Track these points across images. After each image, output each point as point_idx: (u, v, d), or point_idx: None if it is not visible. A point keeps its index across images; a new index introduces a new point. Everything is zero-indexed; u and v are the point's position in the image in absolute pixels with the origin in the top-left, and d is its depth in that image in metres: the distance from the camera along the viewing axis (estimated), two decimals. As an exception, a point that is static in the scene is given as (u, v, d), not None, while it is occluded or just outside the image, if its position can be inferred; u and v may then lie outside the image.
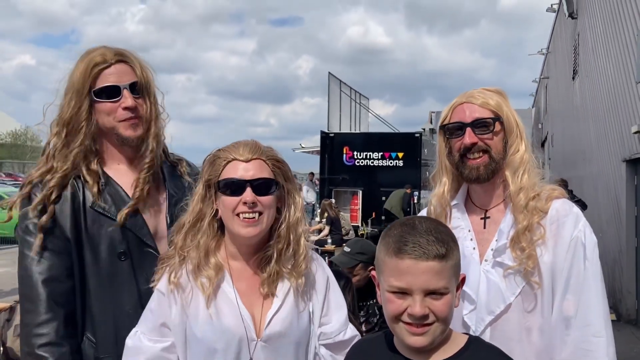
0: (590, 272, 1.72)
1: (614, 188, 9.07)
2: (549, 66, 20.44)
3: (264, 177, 1.66)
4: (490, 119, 1.79)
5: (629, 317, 8.25)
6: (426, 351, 1.40)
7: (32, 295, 1.74)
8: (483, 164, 1.79)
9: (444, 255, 1.35)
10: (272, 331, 1.65)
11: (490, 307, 1.75)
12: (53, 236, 1.78)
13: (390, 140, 15.40)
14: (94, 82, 1.83)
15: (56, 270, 1.76)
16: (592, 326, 1.68)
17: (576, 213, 1.78)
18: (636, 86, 7.58)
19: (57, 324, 1.73)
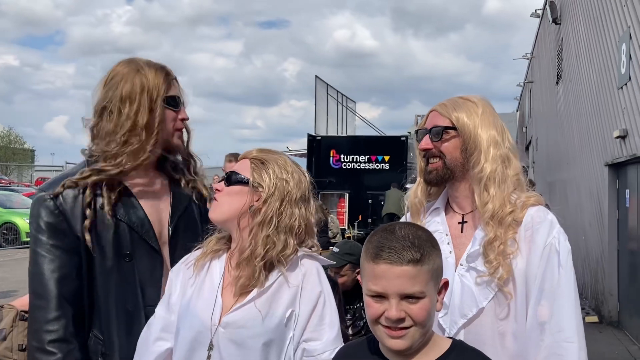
0: (564, 279, 1.74)
1: (596, 192, 9.20)
2: (534, 71, 20.66)
3: (234, 170, 1.84)
4: (442, 127, 1.86)
5: (611, 318, 8.37)
6: (409, 354, 1.43)
7: (44, 292, 1.79)
8: (435, 169, 1.88)
9: (419, 260, 1.38)
10: (231, 320, 1.72)
11: (463, 310, 1.77)
12: (64, 235, 1.83)
13: (377, 144, 15.49)
14: (167, 89, 1.95)
15: (67, 269, 1.82)
16: (564, 332, 1.70)
17: (550, 220, 1.80)
18: (618, 92, 7.71)
19: (67, 321, 1.79)
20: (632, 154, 7.05)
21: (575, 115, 11.15)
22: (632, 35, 6.98)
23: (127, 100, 1.88)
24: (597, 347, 7.05)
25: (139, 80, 1.90)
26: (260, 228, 1.75)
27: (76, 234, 1.83)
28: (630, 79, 7.07)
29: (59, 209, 1.83)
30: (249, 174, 1.80)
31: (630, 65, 7.05)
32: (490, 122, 1.88)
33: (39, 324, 1.78)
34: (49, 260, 1.81)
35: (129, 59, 1.99)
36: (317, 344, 1.72)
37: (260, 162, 1.82)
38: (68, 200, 1.84)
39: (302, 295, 1.74)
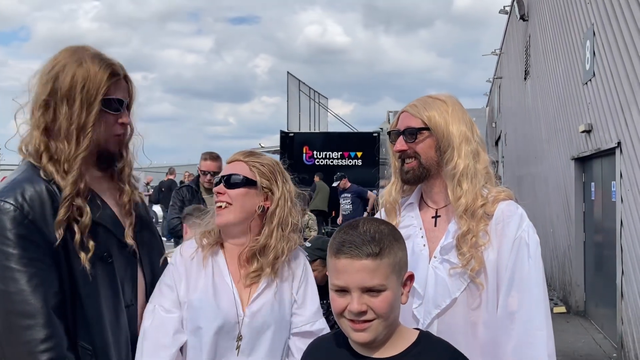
0: (533, 270, 1.81)
1: (563, 185, 9.41)
2: (502, 67, 20.96)
3: (234, 172, 1.91)
4: (416, 128, 1.92)
5: (577, 308, 8.59)
6: (375, 346, 1.47)
7: (29, 310, 1.62)
8: (412, 169, 1.94)
9: (378, 254, 1.42)
10: (254, 309, 1.86)
11: (437, 301, 1.83)
12: (38, 246, 1.66)
13: (349, 140, 15.58)
14: (107, 91, 1.79)
15: (49, 282, 1.66)
16: (533, 321, 1.77)
17: (520, 214, 1.87)
18: (583, 87, 7.90)
19: (60, 337, 1.65)
20: (597, 148, 7.23)
21: (542, 110, 11.38)
22: (596, 32, 7.15)
23: (65, 97, 1.75)
24: (565, 336, 7.24)
25: (81, 74, 1.76)
26: (280, 229, 1.92)
27: (52, 243, 1.68)
28: (594, 75, 7.25)
29: (28, 218, 1.66)
30: (252, 175, 1.91)
31: (594, 62, 7.23)
32: (460, 118, 1.94)
33: (31, 345, 1.61)
34: (29, 276, 1.63)
35: (75, 47, 1.83)
36: (301, 318, 1.93)
37: (259, 164, 1.93)
38: (35, 206, 1.68)
39: (295, 279, 1.95)
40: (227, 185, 1.90)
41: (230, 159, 1.97)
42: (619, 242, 6.38)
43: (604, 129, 6.96)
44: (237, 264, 1.93)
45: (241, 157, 1.95)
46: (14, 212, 1.65)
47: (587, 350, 6.80)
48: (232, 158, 1.97)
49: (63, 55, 1.81)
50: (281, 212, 1.92)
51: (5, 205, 1.65)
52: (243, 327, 1.84)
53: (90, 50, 1.83)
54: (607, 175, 7.16)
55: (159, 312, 1.87)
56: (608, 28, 6.64)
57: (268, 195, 1.93)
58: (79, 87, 1.75)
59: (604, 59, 6.84)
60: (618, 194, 6.44)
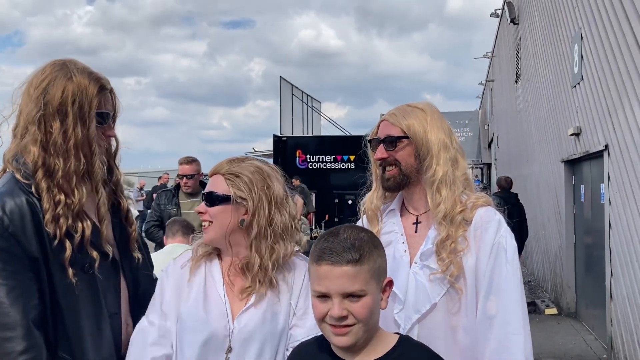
0: (511, 275, 1.85)
1: (554, 187, 9.48)
2: (494, 69, 21.07)
3: (212, 190, 1.86)
4: (395, 136, 1.96)
5: (569, 310, 8.64)
6: (356, 350, 1.51)
7: (9, 322, 1.64)
8: (392, 177, 1.98)
9: (358, 260, 1.47)
10: (244, 321, 1.81)
11: (417, 306, 1.87)
12: (19, 259, 1.69)
13: (342, 143, 15.60)
14: (98, 104, 1.84)
15: (29, 294, 1.69)
16: (511, 324, 1.81)
17: (498, 220, 1.92)
18: (572, 90, 7.97)
19: (39, 349, 1.68)
20: (586, 151, 7.30)
21: (533, 113, 11.45)
22: (584, 36, 7.22)
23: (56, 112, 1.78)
24: (557, 338, 7.29)
25: (70, 89, 1.79)
26: (259, 241, 1.84)
27: (33, 255, 1.71)
28: (582, 79, 7.32)
29: (8, 231, 1.68)
30: (227, 190, 1.84)
31: (582, 65, 7.30)
32: (439, 126, 1.98)
33: (10, 358, 1.64)
34: (8, 288, 1.66)
35: (62, 61, 1.85)
36: (301, 330, 1.84)
37: (234, 175, 1.85)
38: (15, 220, 1.70)
39: (294, 289, 1.87)
40: (207, 203, 1.87)
41: (211, 170, 1.91)
42: (608, 243, 6.44)
43: (592, 132, 7.03)
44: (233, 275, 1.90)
45: (220, 169, 1.89)
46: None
47: (577, 352, 6.85)
48: (213, 170, 1.91)
49: (51, 68, 1.82)
50: (259, 221, 1.83)
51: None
52: (232, 338, 1.80)
53: (78, 64, 1.85)
54: (596, 178, 7.22)
55: (142, 324, 1.88)
56: (595, 32, 6.71)
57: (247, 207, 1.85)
58: (70, 101, 1.78)
59: (591, 62, 6.91)
60: (606, 196, 6.50)
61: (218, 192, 1.85)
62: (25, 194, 1.74)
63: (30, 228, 1.71)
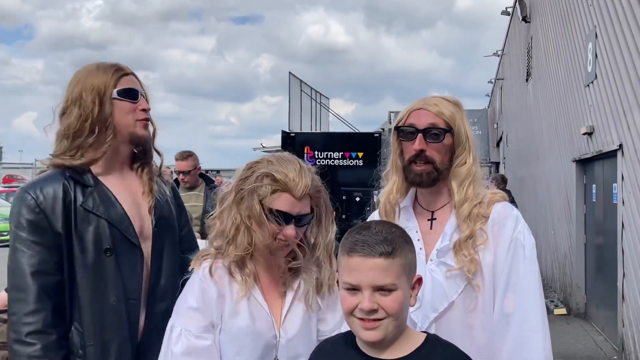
0: (529, 271, 1.81)
1: (565, 187, 9.41)
2: (504, 68, 20.97)
3: (307, 212, 1.76)
4: (442, 129, 1.87)
5: (578, 311, 8.59)
6: (383, 347, 1.48)
7: (23, 285, 1.85)
8: (426, 172, 1.88)
9: (390, 253, 1.44)
10: (287, 327, 1.76)
11: (434, 304, 1.83)
12: (44, 232, 1.89)
13: (351, 140, 15.55)
14: (116, 84, 2.00)
15: (46, 264, 1.88)
16: (529, 322, 1.77)
17: (516, 215, 1.88)
18: (585, 89, 7.90)
19: (46, 313, 1.85)
20: (598, 150, 7.23)
21: (544, 112, 11.38)
22: (598, 35, 7.15)
23: (76, 100, 1.97)
24: (566, 338, 7.24)
25: (89, 81, 1.98)
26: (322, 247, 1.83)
27: (57, 231, 1.90)
28: (596, 77, 7.25)
29: (40, 207, 1.90)
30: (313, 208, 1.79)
31: (597, 64, 7.23)
32: (468, 121, 1.95)
33: (18, 316, 1.84)
34: (28, 256, 1.87)
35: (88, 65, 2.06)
36: (329, 324, 1.82)
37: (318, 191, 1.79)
38: (48, 199, 1.91)
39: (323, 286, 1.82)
40: (299, 225, 1.74)
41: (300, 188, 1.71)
42: (620, 244, 6.38)
43: (605, 131, 6.96)
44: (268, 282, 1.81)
45: (312, 191, 1.76)
46: (29, 201, 1.91)
47: (587, 353, 6.80)
48: (302, 189, 1.71)
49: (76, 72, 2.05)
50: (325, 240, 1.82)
51: (26, 195, 1.92)
52: (279, 349, 1.75)
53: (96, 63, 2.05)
54: (609, 178, 7.16)
55: (188, 338, 1.70)
56: (610, 30, 6.64)
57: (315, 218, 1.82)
58: (88, 89, 1.97)
59: (606, 61, 6.84)
60: (619, 196, 6.44)
61: (309, 213, 1.77)
62: (64, 178, 1.95)
63: (59, 206, 1.91)
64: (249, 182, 1.73)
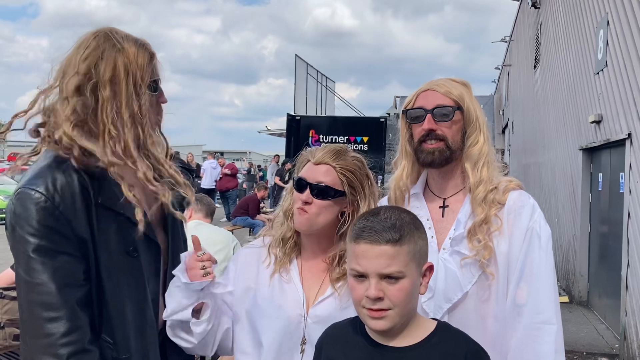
0: (544, 262, 1.78)
1: (570, 175, 9.37)
2: (512, 54, 20.79)
3: (323, 182, 1.80)
4: (450, 107, 1.84)
5: (580, 299, 8.60)
6: (393, 335, 1.47)
7: (52, 303, 1.59)
8: (438, 150, 1.84)
9: (398, 241, 1.42)
10: (318, 312, 1.79)
11: (447, 295, 1.80)
12: (67, 239, 1.62)
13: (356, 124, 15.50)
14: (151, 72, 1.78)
15: (74, 275, 1.63)
16: (544, 313, 1.74)
17: (532, 204, 1.84)
18: (594, 77, 7.83)
19: (84, 330, 1.63)
20: (606, 139, 7.19)
21: (551, 99, 11.29)
22: (610, 22, 7.06)
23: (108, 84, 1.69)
24: (567, 326, 7.26)
25: (121, 61, 1.70)
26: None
27: (81, 236, 1.64)
28: (606, 65, 7.18)
29: (58, 210, 1.60)
30: (341, 185, 1.81)
31: (607, 52, 7.15)
32: (478, 102, 1.92)
33: (54, 338, 1.58)
34: (53, 269, 1.59)
35: (105, 32, 1.74)
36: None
37: (349, 171, 1.82)
38: (66, 198, 1.62)
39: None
40: (316, 195, 1.80)
41: (318, 159, 1.83)
42: (626, 233, 6.37)
43: (614, 119, 6.91)
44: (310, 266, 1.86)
45: (330, 160, 1.82)
46: (45, 203, 1.59)
47: (589, 341, 6.83)
48: (320, 159, 1.83)
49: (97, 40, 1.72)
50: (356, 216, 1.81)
51: (35, 194, 1.60)
52: (306, 330, 1.77)
53: (121, 33, 1.77)
54: (616, 167, 7.12)
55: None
56: (623, 17, 6.56)
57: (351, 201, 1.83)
58: (124, 74, 1.70)
59: (617, 49, 6.77)
60: (626, 185, 6.41)
61: (335, 187, 1.80)
62: (75, 171, 1.66)
63: (80, 206, 1.64)
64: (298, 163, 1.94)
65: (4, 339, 3.42)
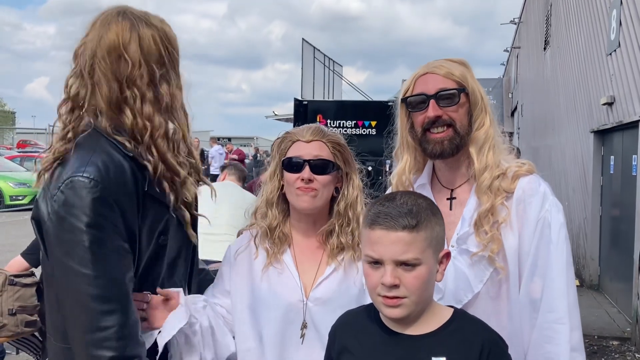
0: (557, 255, 1.67)
1: (581, 158, 9.28)
2: (521, 36, 20.55)
3: (322, 157, 1.81)
4: (455, 89, 1.71)
5: (591, 282, 8.56)
6: (409, 323, 1.44)
7: (111, 295, 1.52)
8: (447, 138, 1.71)
9: (414, 227, 1.38)
10: (318, 294, 1.79)
11: (457, 296, 1.71)
12: (121, 231, 1.56)
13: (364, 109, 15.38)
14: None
15: (128, 266, 1.58)
16: (555, 312, 1.65)
17: (543, 192, 1.71)
18: (606, 58, 7.71)
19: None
20: (619, 121, 7.09)
21: (562, 81, 11.16)
22: (623, 1, 6.93)
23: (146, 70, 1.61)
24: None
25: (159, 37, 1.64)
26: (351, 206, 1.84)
27: (131, 226, 1.58)
28: (619, 46, 7.06)
29: (113, 199, 1.54)
30: (334, 159, 1.83)
31: (620, 32, 7.02)
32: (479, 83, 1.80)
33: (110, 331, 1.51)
34: (110, 260, 1.53)
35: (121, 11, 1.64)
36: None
37: (339, 145, 1.85)
38: (120, 188, 1.56)
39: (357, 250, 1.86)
40: (316, 171, 1.79)
41: (308, 137, 1.83)
42: (638, 216, 6.30)
43: (627, 101, 6.81)
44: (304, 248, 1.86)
45: (320, 136, 1.83)
46: (101, 192, 1.52)
47: (600, 324, 6.79)
48: (311, 137, 1.83)
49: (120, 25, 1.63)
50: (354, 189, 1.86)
51: (90, 183, 1.52)
52: (307, 313, 1.77)
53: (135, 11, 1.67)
54: (628, 149, 7.03)
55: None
56: (636, -3, 6.43)
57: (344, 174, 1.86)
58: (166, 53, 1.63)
59: (630, 29, 6.64)
60: (639, 168, 6.33)
61: (330, 160, 1.82)
62: (124, 158, 1.61)
63: (132, 197, 1.59)
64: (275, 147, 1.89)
65: (15, 325, 3.45)
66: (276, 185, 1.86)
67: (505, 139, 1.84)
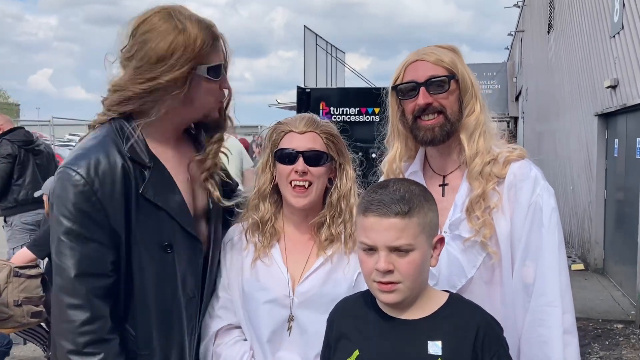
0: (548, 240, 1.68)
1: (585, 142, 9.24)
2: (525, 20, 20.39)
3: (316, 149, 1.77)
4: (445, 77, 1.71)
5: (596, 266, 8.56)
6: (404, 308, 1.46)
7: (73, 289, 1.56)
8: (438, 125, 1.72)
9: (407, 213, 1.39)
10: (303, 289, 1.76)
11: (451, 281, 1.72)
12: (100, 227, 1.57)
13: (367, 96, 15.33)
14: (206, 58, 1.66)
15: (101, 265, 1.58)
16: (547, 295, 1.66)
17: (534, 177, 1.71)
18: (610, 41, 7.64)
19: (104, 320, 1.59)
20: (623, 104, 7.05)
21: (566, 65, 11.08)
22: (626, -17, 6.86)
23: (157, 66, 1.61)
24: (583, 293, 7.24)
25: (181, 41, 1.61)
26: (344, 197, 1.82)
27: (114, 227, 1.59)
28: (623, 28, 7.00)
29: (96, 196, 1.56)
30: (327, 150, 1.80)
31: (624, 14, 6.96)
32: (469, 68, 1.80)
33: (72, 325, 1.56)
34: (81, 255, 1.56)
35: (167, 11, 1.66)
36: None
37: (332, 135, 1.82)
38: (106, 184, 1.57)
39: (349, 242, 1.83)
40: (310, 163, 1.76)
41: (302, 128, 1.78)
42: (642, 200, 6.29)
43: (631, 84, 6.76)
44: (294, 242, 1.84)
45: (313, 127, 1.79)
46: (83, 187, 1.56)
47: (605, 308, 6.81)
48: (304, 127, 1.78)
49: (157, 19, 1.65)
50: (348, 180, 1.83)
51: (75, 176, 1.56)
52: (293, 307, 1.75)
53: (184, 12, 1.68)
54: (632, 132, 7.00)
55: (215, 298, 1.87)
56: (639, -22, 6.36)
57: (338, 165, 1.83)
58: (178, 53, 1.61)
59: (634, 10, 6.58)
60: (643, 151, 6.31)
61: (325, 152, 1.78)
62: (118, 152, 1.62)
63: (119, 195, 1.59)
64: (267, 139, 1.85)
65: (22, 316, 3.50)
66: (268, 177, 1.83)
67: (494, 125, 1.84)
